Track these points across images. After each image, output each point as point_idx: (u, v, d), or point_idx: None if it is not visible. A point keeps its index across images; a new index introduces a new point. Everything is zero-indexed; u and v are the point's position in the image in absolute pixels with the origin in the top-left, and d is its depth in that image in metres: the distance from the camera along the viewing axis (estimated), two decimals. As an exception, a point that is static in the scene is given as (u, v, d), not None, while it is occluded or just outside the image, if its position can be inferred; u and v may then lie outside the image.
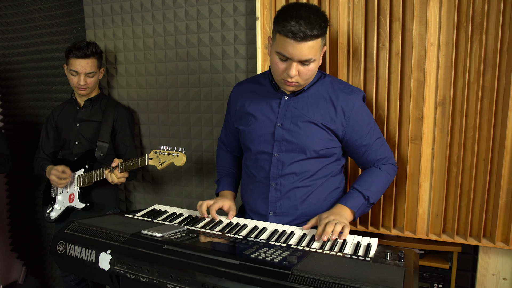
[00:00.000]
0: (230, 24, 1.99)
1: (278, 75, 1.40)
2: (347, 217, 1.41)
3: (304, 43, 1.28)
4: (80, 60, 2.03)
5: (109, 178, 1.89)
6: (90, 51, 2.05)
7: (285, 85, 1.42)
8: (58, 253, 1.32)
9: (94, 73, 2.08)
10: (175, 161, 1.72)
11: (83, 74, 2.05)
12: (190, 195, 2.22)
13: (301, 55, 1.30)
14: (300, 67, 1.34)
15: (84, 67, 2.04)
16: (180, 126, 2.17)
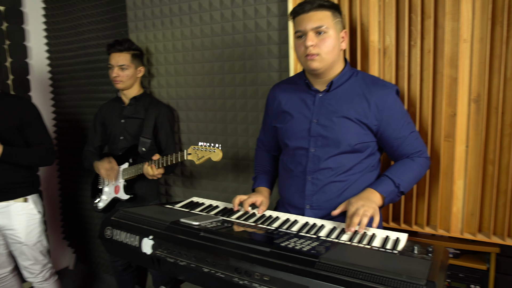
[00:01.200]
0: (264, 25, 2.06)
1: (301, 55, 1.49)
2: (376, 201, 1.44)
3: (312, 13, 1.44)
4: (114, 54, 2.22)
5: (146, 171, 2.04)
6: (123, 46, 2.21)
7: (308, 62, 1.47)
8: (105, 237, 1.45)
9: (127, 66, 2.22)
10: (212, 156, 1.82)
11: (116, 66, 2.21)
12: (226, 190, 2.31)
13: (311, 23, 1.43)
14: (315, 38, 1.44)
15: (117, 60, 2.21)
16: (216, 123, 2.27)
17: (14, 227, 2.26)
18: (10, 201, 2.25)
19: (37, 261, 2.35)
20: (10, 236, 2.30)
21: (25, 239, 2.28)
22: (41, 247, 2.36)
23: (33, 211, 2.32)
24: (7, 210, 2.25)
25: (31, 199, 2.33)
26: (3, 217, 2.25)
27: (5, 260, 2.39)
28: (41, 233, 2.37)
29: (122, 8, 2.61)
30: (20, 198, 2.28)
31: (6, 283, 2.42)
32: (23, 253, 2.32)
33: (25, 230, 2.28)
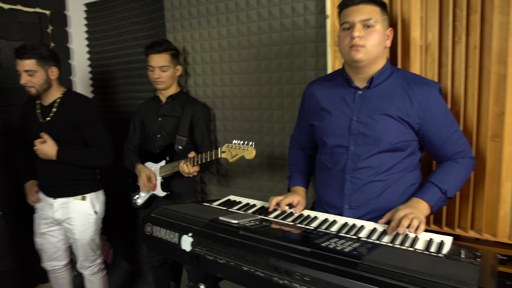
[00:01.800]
0: (301, 23, 2.04)
1: (346, 46, 1.46)
2: (424, 211, 1.40)
3: (361, 5, 1.42)
4: (154, 55, 2.24)
5: (182, 169, 2.07)
6: (163, 47, 2.24)
7: (352, 53, 1.44)
8: (145, 234, 1.48)
9: (168, 67, 2.25)
10: (246, 154, 1.83)
11: (157, 68, 2.24)
12: (262, 189, 2.31)
13: (360, 15, 1.42)
14: (363, 30, 1.42)
15: (158, 61, 2.24)
16: (253, 122, 2.28)
17: (71, 223, 2.35)
18: (69, 197, 2.33)
19: (87, 257, 2.44)
20: (67, 230, 2.40)
21: (79, 237, 2.36)
22: (92, 244, 2.43)
23: (89, 210, 2.37)
24: (67, 206, 2.34)
25: (89, 197, 2.37)
26: (63, 212, 2.34)
27: (62, 254, 2.49)
28: (95, 232, 2.43)
29: (159, 9, 2.66)
30: (79, 196, 2.34)
31: (58, 275, 2.54)
32: (76, 248, 2.43)
33: (80, 228, 2.35)
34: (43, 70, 2.18)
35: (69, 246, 2.52)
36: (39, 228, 2.43)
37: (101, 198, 2.47)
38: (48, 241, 2.45)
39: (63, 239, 2.47)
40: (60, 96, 2.31)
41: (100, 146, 2.30)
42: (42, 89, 2.22)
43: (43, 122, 2.29)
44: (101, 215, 2.47)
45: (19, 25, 2.80)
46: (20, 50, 2.13)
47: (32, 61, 2.14)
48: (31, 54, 2.12)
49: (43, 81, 2.20)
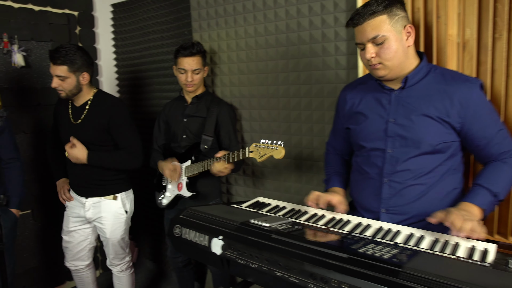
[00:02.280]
0: (331, 21, 1.99)
1: (366, 65, 1.46)
2: (477, 215, 1.32)
3: (365, 24, 1.37)
4: (186, 58, 2.21)
5: (212, 168, 2.04)
6: (196, 50, 2.22)
7: (373, 71, 1.44)
8: (174, 236, 1.46)
9: (200, 70, 2.24)
10: (274, 154, 1.79)
11: (190, 71, 2.22)
12: (289, 190, 2.27)
13: (365, 34, 1.38)
14: (374, 47, 1.38)
15: (191, 64, 2.21)
16: (280, 122, 2.24)
17: (102, 222, 2.37)
18: (101, 197, 2.35)
19: (117, 255, 2.46)
20: (98, 228, 2.43)
21: (109, 236, 2.38)
22: (122, 243, 2.45)
23: (120, 210, 2.39)
24: (98, 205, 2.36)
25: (120, 197, 2.39)
26: (94, 211, 2.37)
27: (85, 254, 2.51)
28: (125, 231, 2.44)
29: (185, 9, 2.66)
30: (110, 196, 2.36)
31: (81, 274, 2.56)
32: (106, 246, 2.45)
33: (111, 227, 2.37)
34: (74, 76, 2.19)
35: (93, 246, 2.54)
36: (67, 225, 2.46)
37: (131, 197, 2.48)
38: (75, 239, 2.47)
39: (89, 239, 2.50)
40: (91, 97, 2.32)
41: (130, 149, 2.30)
42: (71, 93, 2.24)
43: (74, 124, 2.32)
44: (131, 213, 2.48)
45: (49, 26, 2.84)
46: (54, 55, 2.14)
47: (64, 68, 2.14)
48: (63, 60, 2.13)
49: (73, 86, 2.21)
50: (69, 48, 2.16)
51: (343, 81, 2.00)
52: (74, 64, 2.16)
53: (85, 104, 2.32)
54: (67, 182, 2.48)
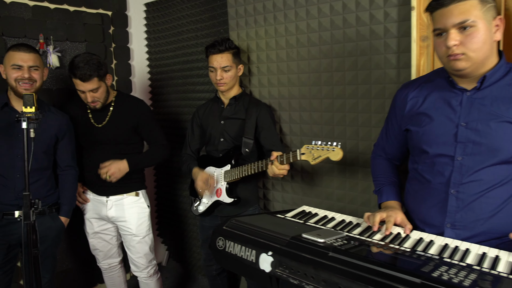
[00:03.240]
0: (380, 16, 1.85)
1: (442, 56, 1.28)
2: None
3: (452, 6, 1.21)
4: (215, 55, 2.14)
5: (270, 171, 1.92)
6: (224, 46, 2.12)
7: (451, 63, 1.26)
8: (217, 248, 1.36)
9: (230, 67, 2.14)
10: (331, 156, 1.67)
11: (219, 69, 2.13)
12: (330, 197, 2.14)
13: (451, 18, 1.21)
14: (459, 35, 1.22)
15: (219, 62, 2.13)
16: (322, 125, 2.11)
17: (126, 219, 2.38)
18: (123, 194, 2.38)
19: (144, 254, 2.42)
20: (123, 228, 2.41)
21: (136, 231, 2.38)
22: (149, 240, 2.45)
23: (143, 204, 2.43)
24: (121, 203, 2.38)
25: (142, 193, 2.45)
26: (117, 209, 2.38)
27: (116, 251, 2.54)
28: (149, 227, 2.47)
29: (221, 6, 2.56)
30: (132, 193, 2.40)
31: (113, 273, 2.56)
32: (132, 246, 2.41)
33: (136, 222, 2.38)
34: (104, 83, 2.24)
35: (121, 242, 2.55)
36: (92, 228, 2.44)
37: (147, 196, 2.53)
38: (103, 240, 2.48)
39: (116, 235, 2.52)
40: (113, 99, 2.36)
41: (159, 142, 2.41)
42: (105, 100, 2.29)
43: (98, 126, 2.31)
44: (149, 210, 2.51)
45: (83, 26, 2.81)
46: (79, 72, 2.11)
47: (95, 80, 2.16)
48: (91, 73, 2.12)
49: (106, 93, 2.27)
50: (88, 58, 2.15)
51: (393, 81, 1.85)
52: (100, 71, 2.17)
53: (109, 105, 2.33)
54: (80, 185, 2.45)
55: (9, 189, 2.05)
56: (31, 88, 2.04)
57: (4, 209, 2.06)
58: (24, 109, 1.73)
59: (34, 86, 2.06)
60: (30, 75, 2.03)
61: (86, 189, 2.45)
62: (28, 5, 2.57)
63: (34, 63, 2.04)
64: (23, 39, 2.55)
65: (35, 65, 2.05)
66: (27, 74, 2.01)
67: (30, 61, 2.03)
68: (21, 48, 2.04)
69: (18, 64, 2.00)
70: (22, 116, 1.72)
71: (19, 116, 1.72)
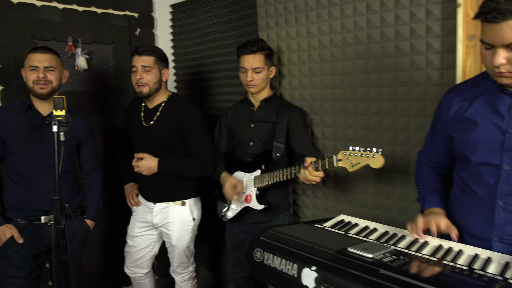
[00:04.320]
0: (421, 15, 1.75)
1: (487, 67, 1.20)
2: None
3: (504, 24, 1.07)
4: (247, 56, 2.07)
5: (302, 176, 1.83)
6: (256, 47, 2.06)
7: (496, 78, 1.19)
8: (254, 260, 1.29)
9: (261, 69, 2.07)
10: (371, 163, 1.59)
11: (250, 70, 2.06)
12: (365, 204, 2.05)
13: (502, 37, 1.09)
14: (507, 53, 1.11)
15: (251, 62, 2.06)
16: (357, 129, 2.02)
17: (169, 228, 2.29)
18: (169, 202, 2.28)
19: (181, 263, 2.37)
20: (165, 235, 2.35)
21: (176, 243, 2.30)
22: (188, 252, 2.36)
23: (188, 217, 2.29)
24: (166, 211, 2.29)
25: (189, 203, 2.30)
26: (162, 216, 2.29)
27: (145, 262, 2.43)
28: (191, 240, 2.35)
29: (250, 7, 2.50)
30: (178, 201, 2.28)
31: (140, 281, 2.50)
32: (171, 253, 2.37)
33: (178, 234, 2.28)
34: (158, 70, 2.19)
35: (154, 255, 2.47)
36: (133, 230, 2.40)
37: (199, 205, 2.40)
38: (138, 245, 2.40)
39: (152, 246, 2.42)
40: (164, 100, 2.27)
41: (201, 156, 2.22)
42: (154, 88, 2.20)
43: (146, 126, 2.26)
44: (198, 221, 2.38)
45: (110, 28, 2.80)
46: (140, 47, 2.18)
47: (151, 58, 2.16)
48: (151, 52, 2.17)
49: (157, 80, 2.19)
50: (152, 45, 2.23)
51: (435, 83, 1.75)
52: (160, 57, 2.20)
53: (159, 106, 2.27)
54: (135, 187, 2.42)
55: (35, 194, 2.03)
56: (47, 87, 2.01)
57: (31, 215, 2.04)
58: (55, 112, 1.71)
59: (49, 87, 2.02)
60: (45, 75, 2.00)
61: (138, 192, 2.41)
62: (57, 8, 2.57)
63: (49, 64, 2.01)
64: (53, 42, 2.55)
65: (50, 66, 2.02)
66: (41, 75, 1.99)
67: (45, 62, 2.00)
68: (38, 49, 2.03)
69: (34, 65, 1.99)
70: (52, 119, 1.69)
71: (50, 120, 1.70)
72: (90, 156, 2.25)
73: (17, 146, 2.01)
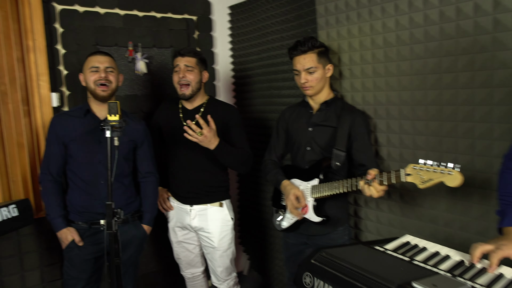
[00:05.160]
0: (508, 2, 1.49)
1: None
2: None
3: None
4: (298, 57, 1.95)
5: (367, 192, 1.66)
6: (307, 46, 1.92)
7: None
8: (304, 286, 1.17)
9: (315, 68, 1.92)
10: (447, 180, 1.38)
11: (302, 71, 1.93)
12: (436, 221, 1.82)
13: None
14: None
15: (302, 63, 1.93)
16: (428, 136, 1.80)
17: (210, 230, 2.29)
18: (207, 204, 2.30)
19: (225, 268, 2.34)
20: (205, 239, 2.33)
21: (218, 244, 2.29)
22: (230, 254, 2.36)
23: (227, 216, 2.33)
24: (205, 213, 2.30)
25: (226, 204, 2.34)
26: (201, 220, 2.30)
27: (199, 260, 2.47)
28: (232, 240, 2.37)
29: (308, 4, 2.36)
30: (216, 203, 2.31)
31: (196, 282, 2.51)
32: (214, 258, 2.33)
33: (219, 235, 2.29)
34: (199, 71, 2.25)
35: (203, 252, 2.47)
36: (175, 237, 2.41)
37: (231, 206, 2.42)
38: (186, 249, 2.42)
39: (199, 245, 2.44)
40: (205, 101, 2.33)
41: (245, 150, 2.27)
42: (196, 88, 2.24)
43: None
44: (234, 222, 2.40)
45: (169, 32, 2.81)
46: (183, 49, 2.26)
47: (194, 59, 2.22)
48: (193, 53, 2.24)
49: (198, 80, 2.24)
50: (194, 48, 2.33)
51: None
52: (201, 58, 2.26)
53: (200, 107, 2.30)
54: (165, 191, 2.42)
55: (94, 197, 2.07)
56: (108, 89, 2.06)
57: (91, 218, 2.08)
58: (109, 117, 1.71)
59: (110, 88, 2.08)
60: (106, 75, 2.06)
61: (169, 195, 2.42)
62: (119, 14, 2.63)
63: (109, 65, 2.08)
64: (114, 47, 2.62)
65: (110, 67, 2.08)
66: (103, 74, 2.05)
67: (106, 63, 2.07)
68: (97, 53, 2.12)
69: (95, 66, 2.05)
70: (106, 124, 1.70)
71: (104, 125, 1.71)
72: (146, 160, 2.27)
73: (77, 150, 2.07)
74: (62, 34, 2.45)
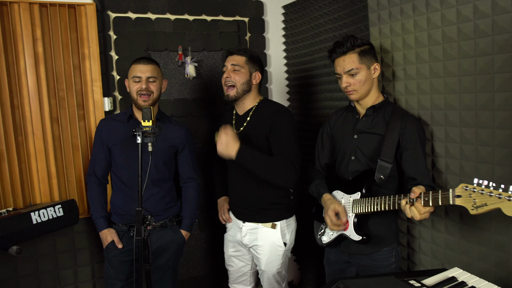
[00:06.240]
0: None
1: None
2: None
3: None
4: (337, 60, 1.79)
5: (408, 213, 1.46)
6: (345, 47, 1.74)
7: None
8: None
9: (357, 70, 1.73)
10: (505, 207, 1.14)
11: (343, 74, 1.77)
12: (502, 248, 1.52)
13: None
14: None
15: (343, 66, 1.76)
16: (494, 147, 1.52)
17: (258, 251, 2.12)
18: (258, 224, 2.09)
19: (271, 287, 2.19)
20: (254, 257, 2.19)
21: (264, 267, 2.12)
22: (278, 277, 2.15)
23: (278, 241, 2.07)
24: (255, 232, 2.11)
25: (280, 225, 2.07)
26: (251, 238, 2.13)
27: (248, 279, 2.32)
28: (282, 265, 2.13)
29: (362, -1, 2.16)
30: (268, 223, 2.07)
31: None
32: (262, 276, 2.21)
33: (266, 259, 2.09)
34: (248, 71, 2.06)
35: (255, 271, 2.32)
36: (227, 250, 2.30)
37: (293, 226, 2.15)
38: (235, 264, 2.29)
39: (250, 264, 2.27)
40: (255, 105, 2.11)
41: (285, 158, 1.91)
42: (242, 90, 2.04)
43: (237, 133, 2.08)
44: (291, 245, 2.15)
45: (219, 35, 2.77)
46: (234, 48, 2.13)
47: (242, 58, 2.06)
48: (243, 52, 2.09)
49: (245, 80, 2.05)
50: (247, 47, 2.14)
51: None
52: (251, 57, 2.08)
53: (249, 111, 2.11)
54: (226, 201, 2.31)
55: (134, 200, 2.09)
56: (149, 99, 2.07)
57: (130, 221, 2.11)
58: (143, 122, 1.71)
59: (151, 98, 2.08)
60: (147, 86, 2.06)
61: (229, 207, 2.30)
62: (170, 19, 2.65)
63: (151, 74, 2.07)
64: (165, 52, 2.64)
65: (152, 76, 2.07)
66: (144, 85, 2.05)
67: (148, 72, 2.06)
68: (141, 60, 2.10)
69: (137, 75, 2.06)
70: (138, 130, 1.70)
71: (136, 131, 1.70)
72: (187, 165, 2.24)
73: (119, 154, 2.11)
74: (115, 41, 2.53)
